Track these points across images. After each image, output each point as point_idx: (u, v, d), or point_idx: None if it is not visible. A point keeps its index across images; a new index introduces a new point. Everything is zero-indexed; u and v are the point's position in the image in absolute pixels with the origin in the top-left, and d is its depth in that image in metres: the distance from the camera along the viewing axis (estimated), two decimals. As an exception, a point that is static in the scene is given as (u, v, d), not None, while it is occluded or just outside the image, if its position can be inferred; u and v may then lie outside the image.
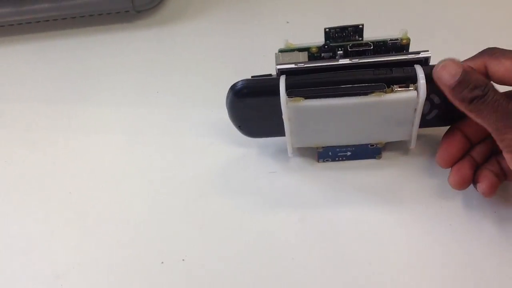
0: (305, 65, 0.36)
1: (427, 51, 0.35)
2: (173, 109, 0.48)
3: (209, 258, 0.38)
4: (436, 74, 0.34)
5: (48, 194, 0.43)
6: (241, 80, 0.37)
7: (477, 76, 0.33)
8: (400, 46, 0.37)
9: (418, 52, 0.35)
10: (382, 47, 0.38)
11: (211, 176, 0.43)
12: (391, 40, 0.37)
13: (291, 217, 0.40)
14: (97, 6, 0.53)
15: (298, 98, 0.35)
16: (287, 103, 0.36)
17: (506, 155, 0.33)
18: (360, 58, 0.35)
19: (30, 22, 0.54)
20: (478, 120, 0.33)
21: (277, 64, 0.36)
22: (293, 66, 0.36)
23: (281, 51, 0.38)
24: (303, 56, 0.38)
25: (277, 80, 0.36)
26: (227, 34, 0.53)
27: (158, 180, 0.43)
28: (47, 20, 0.54)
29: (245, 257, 0.38)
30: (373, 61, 0.35)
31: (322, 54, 0.38)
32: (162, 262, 0.39)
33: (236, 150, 0.43)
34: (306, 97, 0.36)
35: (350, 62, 0.35)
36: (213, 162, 0.43)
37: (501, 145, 0.33)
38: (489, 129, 0.33)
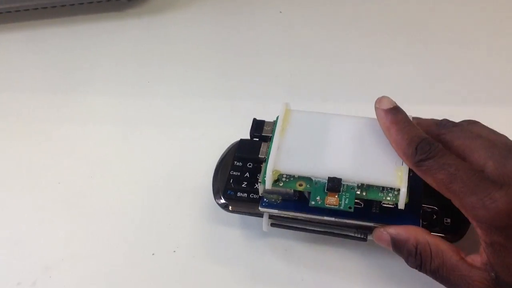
0: (290, 213, 0.35)
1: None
2: (165, 98, 0.47)
3: (200, 249, 0.38)
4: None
5: (38, 184, 0.43)
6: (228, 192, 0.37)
7: (401, 245, 0.32)
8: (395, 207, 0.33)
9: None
10: (373, 207, 0.34)
11: (204, 166, 0.42)
12: (383, 203, 0.33)
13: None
14: (88, -6, 0.52)
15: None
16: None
17: None
18: (348, 220, 0.34)
19: (19, 10, 0.53)
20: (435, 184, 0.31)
21: (260, 207, 0.35)
22: (276, 211, 0.35)
23: (265, 189, 0.35)
24: (289, 193, 0.35)
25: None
26: (219, 23, 0.53)
27: (149, 170, 0.43)
28: (36, 8, 0.53)
29: (236, 248, 0.38)
30: (361, 225, 0.34)
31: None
32: (153, 254, 0.38)
33: (230, 139, 0.43)
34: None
35: (336, 220, 0.34)
36: (206, 153, 0.43)
37: None
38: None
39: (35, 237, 0.40)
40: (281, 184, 0.33)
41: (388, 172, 0.32)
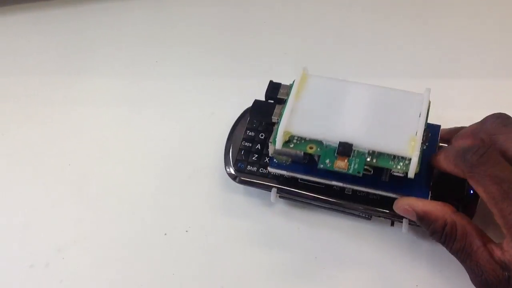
0: (299, 179, 0.35)
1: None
2: (173, 78, 0.47)
3: (213, 229, 0.38)
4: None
5: (47, 167, 0.42)
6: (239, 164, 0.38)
7: (431, 221, 0.32)
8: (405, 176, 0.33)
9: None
10: (382, 175, 0.34)
11: (213, 146, 0.42)
12: (393, 171, 0.32)
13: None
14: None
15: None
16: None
17: None
18: (355, 186, 0.34)
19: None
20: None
21: (270, 166, 0.35)
22: (285, 173, 0.35)
23: (273, 153, 0.35)
24: (299, 156, 0.34)
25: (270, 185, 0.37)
26: (226, 0, 0.52)
27: (159, 150, 0.42)
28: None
29: (247, 228, 0.38)
30: (369, 192, 0.34)
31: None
32: (165, 234, 0.38)
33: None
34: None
35: (343, 185, 0.34)
36: (214, 132, 0.42)
37: None
38: None
39: (47, 220, 0.40)
40: (291, 146, 0.33)
41: (401, 141, 0.32)
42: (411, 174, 0.32)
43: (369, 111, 0.34)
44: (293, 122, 0.34)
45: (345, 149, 0.32)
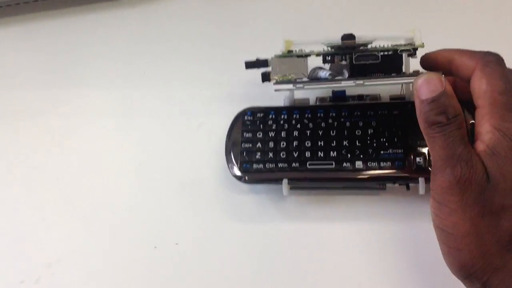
0: (305, 86, 0.35)
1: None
2: (161, 89, 0.47)
3: (202, 242, 0.38)
4: (416, 84, 0.32)
5: (37, 181, 0.42)
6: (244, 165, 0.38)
7: (452, 102, 0.31)
8: (413, 53, 0.35)
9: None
10: (391, 58, 0.35)
11: (203, 157, 0.42)
12: (401, 50, 0.34)
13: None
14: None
15: None
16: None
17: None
18: (366, 80, 0.34)
19: (10, 5, 0.52)
20: (428, 146, 0.32)
21: (274, 83, 0.36)
22: (291, 86, 0.35)
23: (277, 56, 0.36)
24: (302, 65, 0.36)
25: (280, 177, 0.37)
26: (215, 10, 0.52)
27: (149, 163, 0.42)
28: (28, 2, 0.52)
29: (239, 240, 0.38)
30: (382, 83, 0.34)
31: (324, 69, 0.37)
32: (155, 247, 0.38)
33: (227, 130, 0.42)
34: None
35: (355, 85, 0.34)
36: (204, 143, 0.42)
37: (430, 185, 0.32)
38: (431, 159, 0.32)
39: (37, 235, 0.40)
40: (294, 52, 0.35)
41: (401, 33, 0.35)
42: (419, 43, 0.33)
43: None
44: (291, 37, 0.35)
45: (349, 36, 0.34)
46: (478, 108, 0.32)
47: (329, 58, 0.36)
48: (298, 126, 0.38)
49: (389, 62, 0.35)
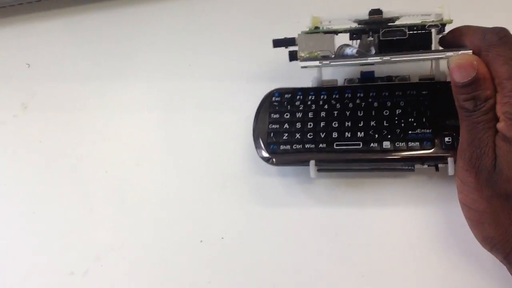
0: (331, 62, 0.34)
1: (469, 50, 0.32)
2: (208, 82, 0.46)
3: (248, 236, 0.38)
4: (451, 66, 0.32)
5: (85, 174, 0.43)
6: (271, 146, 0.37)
7: (483, 87, 0.31)
8: (441, 28, 0.34)
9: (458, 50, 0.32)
10: (419, 34, 0.34)
11: (251, 150, 0.41)
12: (429, 25, 0.34)
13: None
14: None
15: None
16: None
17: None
18: (392, 56, 0.33)
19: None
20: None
21: (300, 60, 0.35)
22: (317, 63, 0.35)
23: (304, 32, 0.36)
24: (329, 42, 0.35)
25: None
26: (259, 2, 0.51)
27: (196, 156, 0.42)
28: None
29: (284, 234, 0.37)
30: (409, 59, 0.33)
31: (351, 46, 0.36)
32: (201, 241, 0.38)
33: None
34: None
35: (382, 61, 0.33)
36: (249, 134, 0.42)
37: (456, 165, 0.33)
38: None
39: (86, 227, 0.41)
40: (321, 28, 0.34)
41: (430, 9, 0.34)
42: (447, 19, 0.32)
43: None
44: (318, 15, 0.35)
45: (376, 10, 0.33)
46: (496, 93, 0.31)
47: (356, 35, 0.35)
48: (326, 106, 0.37)
49: (417, 38, 0.34)
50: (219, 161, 0.41)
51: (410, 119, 0.35)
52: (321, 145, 0.36)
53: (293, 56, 0.37)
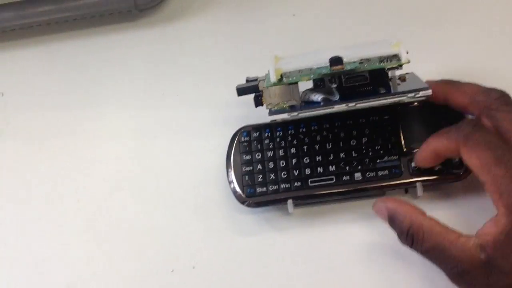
0: (299, 114, 0.35)
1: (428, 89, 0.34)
2: (180, 110, 0.47)
3: (220, 265, 0.38)
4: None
5: (56, 203, 0.43)
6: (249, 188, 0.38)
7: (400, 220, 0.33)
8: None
9: (418, 91, 0.34)
10: (379, 77, 0.35)
11: (221, 180, 0.42)
12: (389, 68, 0.34)
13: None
14: (99, 6, 0.52)
15: None
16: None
17: None
18: (358, 102, 0.34)
19: (32, 26, 0.53)
20: None
21: (269, 114, 0.36)
22: (286, 116, 0.36)
23: (269, 85, 0.36)
24: (294, 92, 0.37)
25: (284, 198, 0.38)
26: (232, 30, 0.52)
27: (167, 185, 0.43)
28: (49, 24, 0.53)
29: (256, 263, 0.38)
30: (372, 104, 0.35)
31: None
32: (173, 270, 0.38)
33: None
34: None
35: (347, 108, 0.34)
36: (223, 164, 0.42)
37: None
38: None
39: (57, 256, 0.40)
40: (285, 80, 0.34)
41: (385, 47, 0.34)
42: (404, 60, 0.33)
43: (347, 49, 0.35)
44: (280, 64, 0.35)
45: (337, 58, 0.33)
46: (484, 185, 0.31)
47: (320, 83, 0.36)
48: (295, 142, 0.38)
49: (378, 79, 0.35)
50: (191, 190, 0.42)
51: (376, 147, 0.37)
52: (296, 184, 0.37)
53: (258, 103, 0.38)
